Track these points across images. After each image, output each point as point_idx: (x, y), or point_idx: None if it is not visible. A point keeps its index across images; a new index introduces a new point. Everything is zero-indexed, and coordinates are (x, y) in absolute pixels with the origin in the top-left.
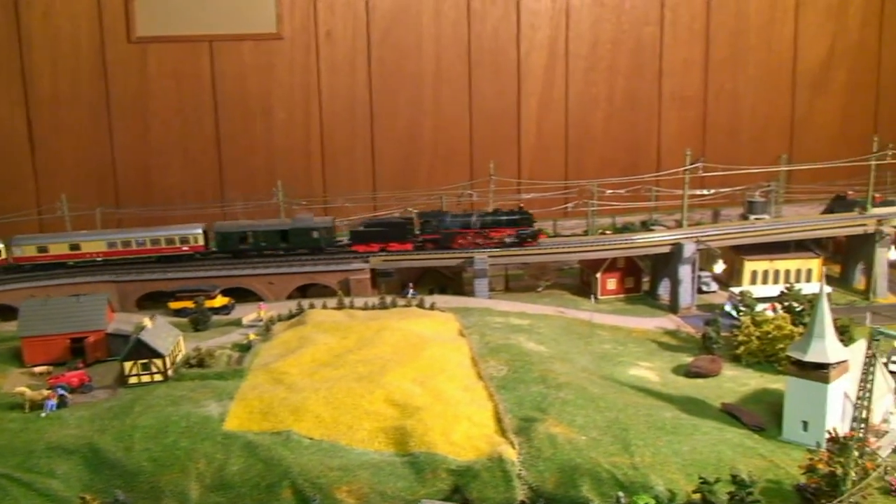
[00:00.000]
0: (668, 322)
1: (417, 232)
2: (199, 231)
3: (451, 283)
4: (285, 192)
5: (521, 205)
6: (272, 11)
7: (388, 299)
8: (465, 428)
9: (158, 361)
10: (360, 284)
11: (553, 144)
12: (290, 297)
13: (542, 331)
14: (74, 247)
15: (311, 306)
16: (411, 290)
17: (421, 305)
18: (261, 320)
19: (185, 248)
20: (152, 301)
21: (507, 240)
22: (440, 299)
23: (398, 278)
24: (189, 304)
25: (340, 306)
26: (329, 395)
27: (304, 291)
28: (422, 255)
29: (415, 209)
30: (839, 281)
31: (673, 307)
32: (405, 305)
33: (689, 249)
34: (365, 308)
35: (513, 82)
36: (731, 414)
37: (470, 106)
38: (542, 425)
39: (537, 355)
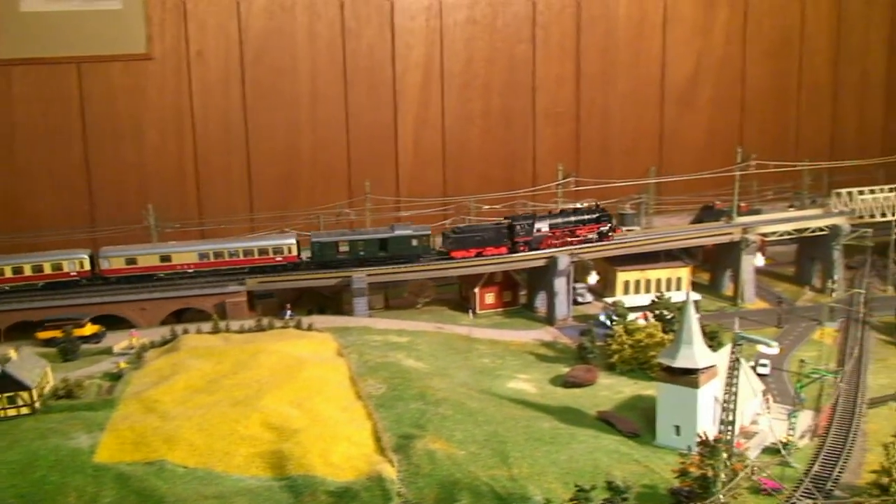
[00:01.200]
0: (545, 334)
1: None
2: (293, 241)
3: (330, 302)
4: (158, 215)
5: (597, 202)
6: (142, 32)
7: (265, 321)
8: (343, 448)
9: (25, 394)
10: (237, 307)
11: (430, 161)
12: (164, 323)
13: (420, 347)
14: (165, 258)
15: (185, 332)
16: (289, 312)
17: (298, 326)
18: (133, 348)
19: (278, 259)
20: (20, 331)
21: (590, 236)
22: (319, 319)
23: (277, 300)
24: (57, 333)
25: (215, 330)
26: (203, 422)
27: (179, 316)
28: (299, 275)
29: (292, 229)
30: (709, 288)
31: (550, 319)
32: (282, 327)
33: (564, 262)
34: (241, 331)
35: (389, 100)
36: (606, 421)
37: (347, 125)
38: (420, 442)
39: (416, 372)
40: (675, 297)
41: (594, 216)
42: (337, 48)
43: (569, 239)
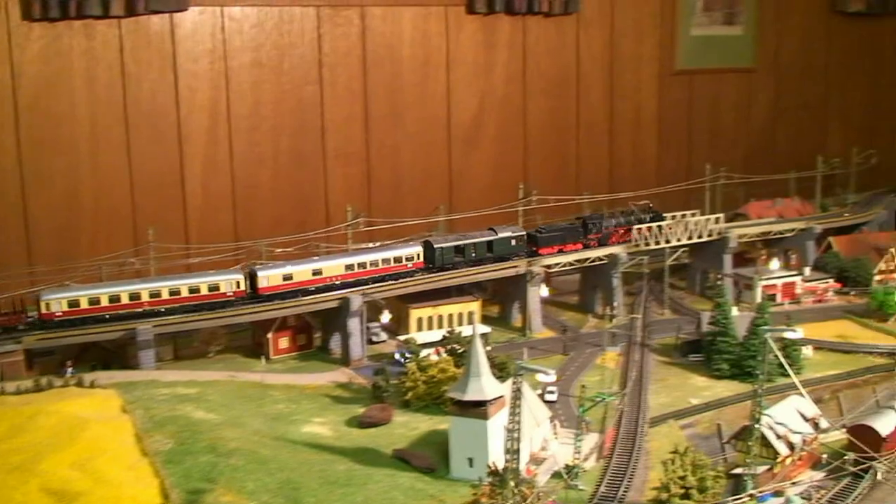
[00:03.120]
0: (341, 375)
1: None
2: (420, 249)
3: (115, 356)
4: None
5: (650, 203)
6: None
7: (44, 381)
8: None
9: None
10: (13, 367)
11: (220, 205)
12: None
13: (211, 398)
14: (317, 272)
15: None
16: (69, 369)
17: (80, 384)
18: None
19: (409, 266)
20: None
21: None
22: (103, 375)
23: (57, 357)
24: None
25: None
26: None
27: None
28: (80, 330)
29: (73, 282)
30: (499, 320)
31: (345, 360)
32: (63, 386)
33: (356, 303)
34: (17, 392)
35: (174, 145)
36: (402, 459)
37: (130, 171)
38: (210, 496)
39: (206, 423)
40: (467, 331)
41: (649, 215)
42: (117, 93)
43: (629, 237)
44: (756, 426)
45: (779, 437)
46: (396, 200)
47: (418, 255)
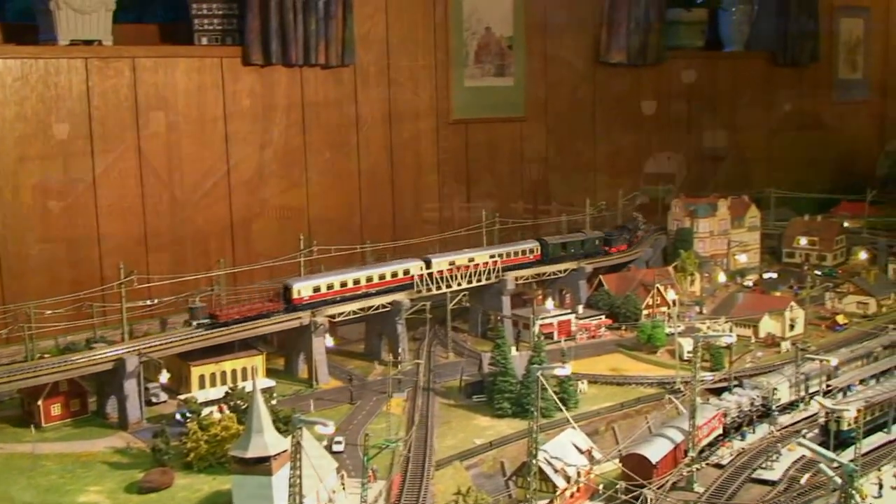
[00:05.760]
0: (119, 440)
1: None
2: (537, 244)
3: None
4: None
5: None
6: None
7: None
8: None
9: None
10: None
11: None
12: None
13: None
14: (471, 259)
15: None
16: None
17: None
18: None
19: (531, 257)
20: None
21: None
22: None
23: None
24: None
25: None
26: None
27: None
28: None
29: None
30: (284, 373)
31: (122, 424)
32: None
33: (132, 363)
34: None
35: None
36: None
37: None
38: None
39: None
40: (250, 386)
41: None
42: None
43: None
44: (533, 461)
45: (556, 470)
46: (176, 255)
47: (537, 249)
